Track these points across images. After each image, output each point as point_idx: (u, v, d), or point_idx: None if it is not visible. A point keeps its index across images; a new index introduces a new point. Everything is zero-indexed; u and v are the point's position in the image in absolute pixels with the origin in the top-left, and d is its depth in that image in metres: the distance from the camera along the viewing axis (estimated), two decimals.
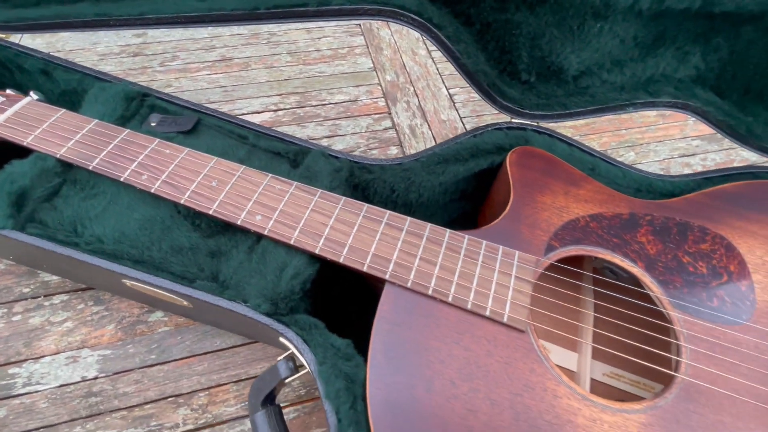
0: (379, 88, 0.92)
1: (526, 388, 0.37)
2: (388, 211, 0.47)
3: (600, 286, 0.52)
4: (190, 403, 0.55)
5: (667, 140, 0.91)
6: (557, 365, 0.49)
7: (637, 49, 0.49)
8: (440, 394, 0.37)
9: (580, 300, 0.53)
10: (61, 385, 0.56)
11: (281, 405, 0.53)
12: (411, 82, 0.94)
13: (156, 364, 0.58)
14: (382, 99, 0.91)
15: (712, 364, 0.40)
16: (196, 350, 0.59)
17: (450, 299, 0.41)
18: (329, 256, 0.43)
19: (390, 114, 0.89)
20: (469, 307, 0.40)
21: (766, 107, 0.53)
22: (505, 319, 0.40)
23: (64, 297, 0.63)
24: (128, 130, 0.52)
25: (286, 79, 0.92)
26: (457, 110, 0.91)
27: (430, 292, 0.41)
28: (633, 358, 0.43)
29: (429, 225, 0.46)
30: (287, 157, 0.53)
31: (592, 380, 0.50)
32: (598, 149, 0.87)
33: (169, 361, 0.58)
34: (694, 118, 0.61)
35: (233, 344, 0.60)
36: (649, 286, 0.44)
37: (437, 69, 0.97)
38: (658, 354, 0.43)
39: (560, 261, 0.46)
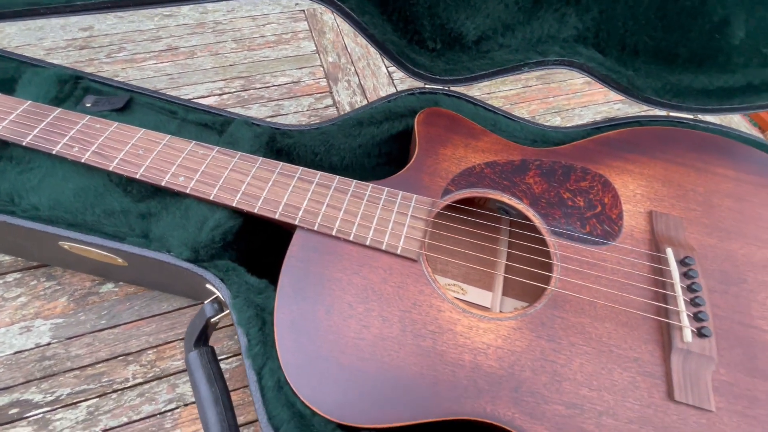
0: (321, 69, 0.97)
1: (414, 306, 0.43)
2: (302, 168, 0.52)
3: (515, 227, 0.58)
4: (139, 360, 0.60)
5: (591, 105, 0.98)
6: (476, 304, 0.56)
7: (521, 13, 0.55)
8: (338, 315, 0.42)
9: (482, 236, 0.59)
10: (16, 352, 0.59)
11: (224, 355, 0.58)
12: (352, 62, 0.99)
13: (106, 329, 0.62)
14: (324, 79, 0.95)
15: (579, 278, 0.46)
16: (144, 314, 0.64)
17: (351, 237, 0.46)
18: (245, 208, 0.48)
19: (331, 92, 0.93)
20: (368, 243, 0.46)
21: (644, 61, 0.60)
22: (399, 251, 0.45)
23: (17, 275, 0.66)
24: (60, 108, 0.55)
25: (231, 65, 0.96)
26: (395, 86, 0.96)
27: (334, 232, 0.46)
28: (524, 280, 0.49)
29: (338, 177, 0.51)
30: (215, 128, 0.58)
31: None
32: (528, 116, 0.93)
33: (119, 325, 0.62)
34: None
35: (179, 306, 0.65)
36: (531, 218, 0.50)
37: (379, 51, 1.02)
38: (542, 275, 0.49)
39: (458, 202, 0.52)
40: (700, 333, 0.41)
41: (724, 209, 0.52)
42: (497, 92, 0.99)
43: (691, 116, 0.65)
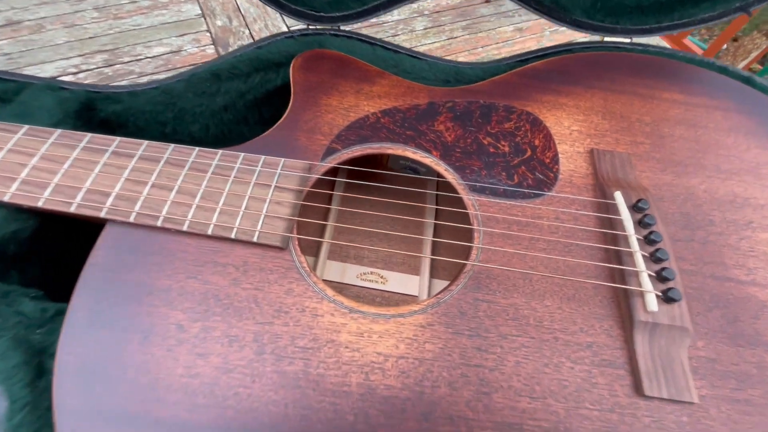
0: (209, 34, 0.81)
1: (277, 314, 0.30)
2: (120, 138, 0.37)
3: (442, 190, 0.46)
4: None
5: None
6: (399, 293, 0.44)
7: None
8: (160, 344, 0.28)
9: (400, 206, 0.48)
10: None
11: None
12: (246, 24, 0.84)
13: None
14: (212, 46, 0.80)
15: (508, 244, 0.35)
16: None
17: (186, 227, 0.32)
18: (25, 203, 0.33)
19: None
20: (210, 231, 0.32)
21: None
22: (255, 238, 0.32)
23: None
24: None
25: (91, 38, 0.78)
26: None
27: (159, 222, 0.32)
28: (447, 259, 0.38)
29: (173, 146, 0.37)
30: (5, 98, 0.42)
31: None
32: None
33: None
34: (551, 29, 0.58)
35: None
36: (443, 174, 0.39)
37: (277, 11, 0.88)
38: (466, 247, 0.38)
39: (357, 164, 0.39)
40: (667, 297, 0.31)
41: (676, 139, 0.43)
42: (418, 46, 0.88)
43: (627, 40, 0.56)
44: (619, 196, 0.36)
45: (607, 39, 0.56)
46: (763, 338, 0.31)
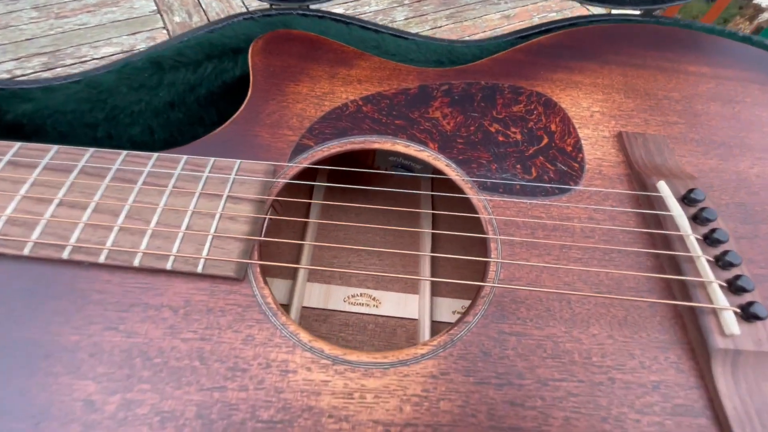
0: (165, 32, 0.73)
1: (232, 374, 0.22)
2: (20, 144, 0.29)
3: (438, 189, 0.39)
4: None
5: None
6: (396, 318, 0.36)
7: None
8: (60, 429, 0.20)
9: (392, 213, 0.40)
10: None
11: None
12: (208, 20, 0.76)
13: None
14: None
15: (534, 255, 0.28)
16: None
17: (103, 258, 0.24)
18: None
19: None
20: (137, 263, 0.24)
21: None
22: (200, 268, 0.25)
23: None
24: None
25: (28, 39, 0.69)
26: None
27: (66, 254, 0.24)
28: (453, 281, 0.31)
29: (92, 150, 0.29)
30: None
31: (441, 324, 0.37)
32: None
33: None
34: (539, 16, 0.52)
35: None
36: (444, 171, 0.31)
37: (242, 1, 0.80)
38: (476, 263, 0.30)
39: (323, 162, 0.31)
40: (747, 314, 0.25)
41: (713, 117, 0.37)
42: None
43: (637, 12, 0.51)
44: (663, 187, 0.29)
45: (614, 12, 0.50)
46: None
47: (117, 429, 0.19)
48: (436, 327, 0.37)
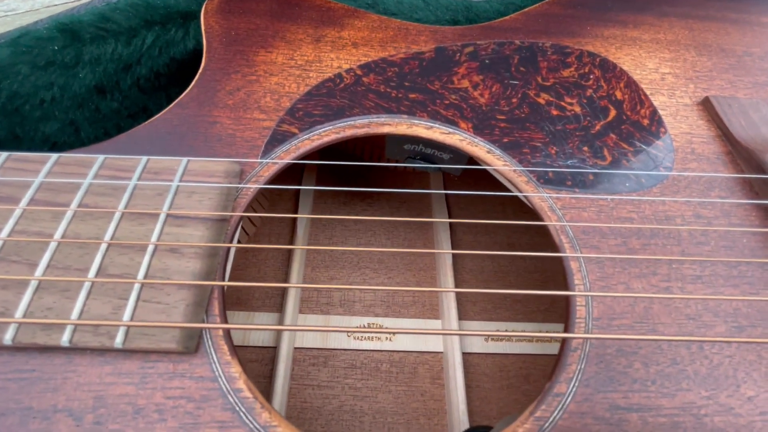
0: None
1: None
2: None
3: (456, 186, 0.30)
4: None
5: None
6: (416, 353, 0.28)
7: None
8: None
9: (400, 224, 0.31)
10: None
11: None
12: None
13: None
14: None
15: (634, 276, 0.19)
16: None
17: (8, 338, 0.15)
18: None
19: None
20: (7, 339, 0.15)
21: None
22: (118, 341, 0.14)
23: None
24: None
25: None
26: None
27: None
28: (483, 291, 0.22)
29: None
30: None
31: (473, 356, 0.29)
32: None
33: None
34: None
35: None
36: (485, 160, 0.23)
37: None
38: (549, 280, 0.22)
39: (313, 157, 0.22)
40: None
41: None
42: None
43: None
44: None
45: None
46: None
47: None
48: (468, 361, 0.29)
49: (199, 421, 0.13)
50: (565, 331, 0.17)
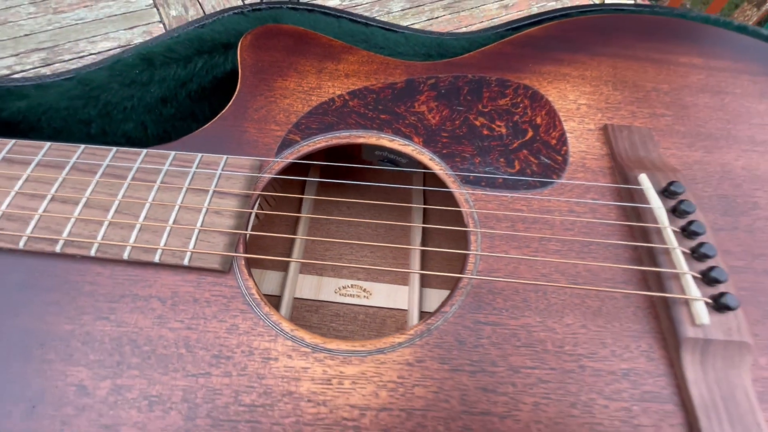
0: (161, 26, 0.73)
1: (216, 361, 0.23)
2: (14, 140, 0.30)
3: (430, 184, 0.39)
4: None
5: None
6: (386, 309, 0.37)
7: None
8: (52, 415, 0.21)
9: (381, 207, 0.40)
10: None
11: None
12: (204, 14, 0.76)
13: None
14: None
15: (513, 247, 0.28)
16: None
17: (94, 252, 0.25)
18: None
19: None
20: (126, 256, 0.25)
21: None
22: (187, 261, 0.25)
23: None
24: None
25: (26, 35, 0.69)
26: None
27: (59, 248, 0.25)
28: (438, 273, 0.31)
29: (83, 147, 0.29)
30: None
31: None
32: None
33: None
34: (538, 5, 0.51)
35: None
36: (428, 165, 0.32)
37: None
38: (458, 255, 0.31)
39: (310, 157, 0.31)
40: (719, 305, 0.25)
41: (701, 109, 0.37)
42: None
43: (631, 0, 0.50)
44: (644, 180, 0.30)
45: (608, 0, 0.50)
46: None
47: (108, 412, 0.20)
48: (425, 317, 0.38)
49: (230, 308, 0.23)
50: (458, 280, 0.26)
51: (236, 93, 0.34)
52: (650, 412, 0.22)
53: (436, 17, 0.81)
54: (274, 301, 0.40)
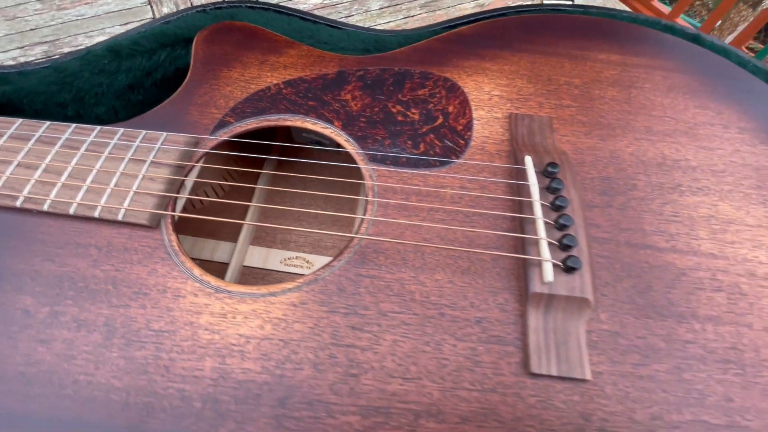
0: None
1: (135, 296, 0.28)
2: None
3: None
4: None
5: None
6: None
7: None
8: (2, 331, 0.26)
9: (326, 183, 0.45)
10: None
11: None
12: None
13: None
14: None
15: (403, 215, 0.32)
16: None
17: (46, 207, 0.30)
18: None
19: None
20: (72, 211, 0.30)
21: None
22: (121, 216, 0.30)
23: None
24: None
25: (32, 29, 0.76)
26: None
27: (19, 203, 0.30)
28: (319, 231, 0.35)
29: (49, 123, 0.35)
30: None
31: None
32: None
33: None
34: (514, 3, 0.54)
35: None
36: (343, 144, 0.36)
37: None
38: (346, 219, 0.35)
39: (240, 136, 0.36)
40: (566, 266, 0.29)
41: (607, 101, 0.40)
42: (373, 27, 0.85)
43: (569, 1, 0.53)
44: (528, 161, 0.33)
45: (546, 1, 0.53)
46: (677, 308, 0.28)
47: (45, 330, 0.25)
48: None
49: (153, 256, 0.28)
50: (351, 240, 0.30)
51: (185, 81, 0.38)
52: (492, 351, 0.26)
53: (413, 15, 0.85)
54: (223, 267, 0.45)
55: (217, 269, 0.44)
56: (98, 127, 0.33)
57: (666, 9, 0.99)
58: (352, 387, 0.25)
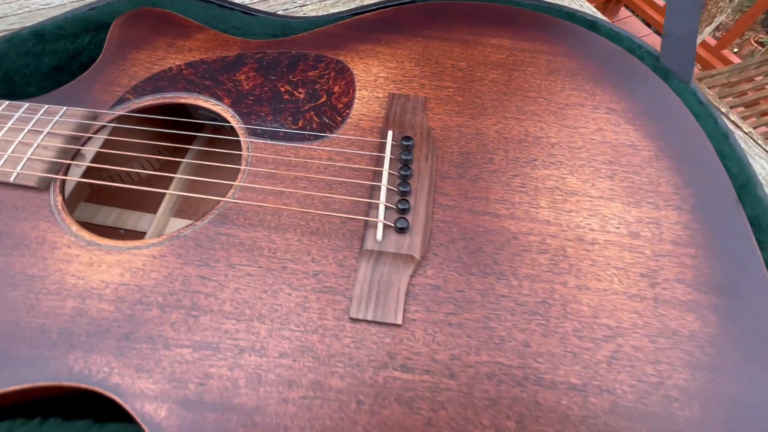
0: None
1: (17, 246, 0.31)
2: None
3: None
4: None
5: None
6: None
7: None
8: None
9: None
10: None
11: None
12: None
13: None
14: None
15: (269, 183, 0.35)
16: None
17: None
18: None
19: None
20: None
21: None
22: (12, 179, 0.34)
23: None
24: None
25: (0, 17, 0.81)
26: None
27: None
28: (200, 196, 0.38)
29: None
30: None
31: None
32: None
33: None
34: None
35: None
36: (229, 120, 0.39)
37: None
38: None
39: (137, 112, 0.39)
40: (396, 228, 0.32)
41: (486, 83, 0.42)
42: (325, 15, 0.87)
43: None
44: (389, 135, 0.36)
45: None
46: (500, 267, 0.31)
47: None
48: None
49: (38, 214, 0.32)
50: (216, 203, 0.33)
51: (96, 61, 0.42)
52: (322, 300, 0.29)
53: (366, 4, 0.87)
54: (141, 235, 0.48)
55: (139, 238, 0.48)
56: (6, 102, 0.37)
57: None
58: (191, 326, 0.28)
